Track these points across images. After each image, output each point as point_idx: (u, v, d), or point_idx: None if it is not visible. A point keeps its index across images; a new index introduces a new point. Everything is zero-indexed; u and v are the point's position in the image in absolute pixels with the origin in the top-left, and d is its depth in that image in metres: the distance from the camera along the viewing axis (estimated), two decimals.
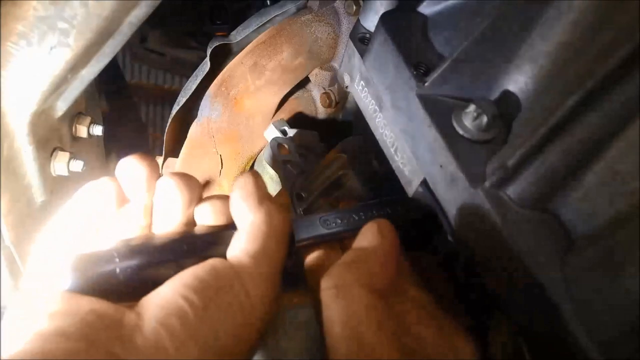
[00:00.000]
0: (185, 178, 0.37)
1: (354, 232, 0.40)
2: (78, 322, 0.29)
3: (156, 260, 0.34)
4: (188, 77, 0.68)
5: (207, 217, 0.38)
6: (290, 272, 0.39)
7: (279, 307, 0.36)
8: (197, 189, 0.38)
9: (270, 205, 0.37)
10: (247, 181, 0.38)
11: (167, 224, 0.37)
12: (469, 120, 0.35)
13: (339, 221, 0.41)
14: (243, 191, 0.37)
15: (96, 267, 0.33)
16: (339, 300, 0.32)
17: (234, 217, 0.37)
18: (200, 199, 0.38)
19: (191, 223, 0.39)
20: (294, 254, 0.40)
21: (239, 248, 0.35)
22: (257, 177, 0.38)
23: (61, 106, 0.56)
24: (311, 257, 0.40)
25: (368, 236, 0.37)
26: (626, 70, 0.28)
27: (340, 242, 0.41)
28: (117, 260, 0.33)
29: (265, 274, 0.35)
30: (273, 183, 0.76)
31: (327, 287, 0.33)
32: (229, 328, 0.32)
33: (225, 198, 0.38)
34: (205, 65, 0.65)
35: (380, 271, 0.35)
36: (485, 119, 0.35)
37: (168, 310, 0.30)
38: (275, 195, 0.62)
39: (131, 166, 0.36)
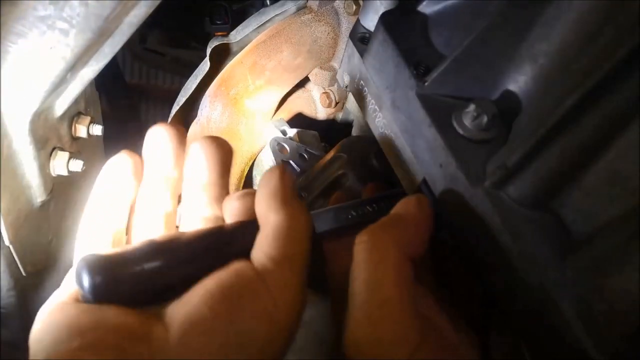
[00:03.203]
0: (218, 142, 0.36)
1: (369, 223, 0.40)
2: (107, 334, 0.29)
3: (181, 260, 0.33)
4: (188, 77, 0.68)
5: (236, 215, 0.37)
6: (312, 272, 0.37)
7: (303, 311, 0.35)
8: (230, 154, 0.37)
9: (295, 206, 0.35)
10: (271, 177, 0.35)
11: (194, 202, 0.37)
12: (469, 120, 0.35)
13: (354, 213, 0.42)
14: (267, 189, 0.35)
15: (119, 268, 0.31)
16: (370, 254, 0.33)
17: (257, 215, 0.35)
18: (228, 169, 0.38)
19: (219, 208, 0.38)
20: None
21: (263, 252, 0.33)
22: (283, 173, 0.36)
23: (60, 106, 0.56)
24: (332, 243, 0.41)
25: (406, 205, 0.37)
26: (626, 69, 0.28)
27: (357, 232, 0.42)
28: (140, 261, 0.32)
29: (292, 281, 0.33)
30: None
31: (361, 241, 0.34)
32: (256, 338, 0.31)
33: (253, 194, 0.37)
34: (205, 65, 0.65)
35: (413, 238, 0.35)
36: (485, 118, 0.35)
37: (194, 322, 0.30)
38: None
39: (158, 137, 0.35)
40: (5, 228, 0.54)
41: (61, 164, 0.58)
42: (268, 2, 0.76)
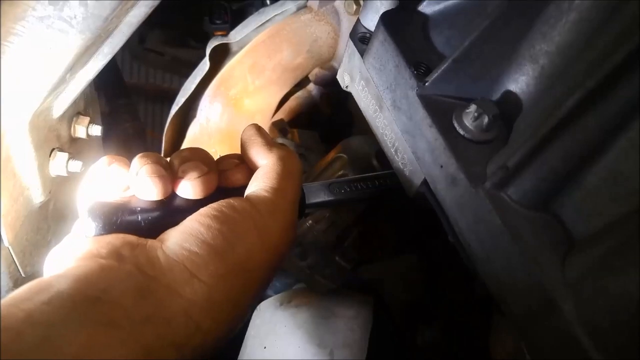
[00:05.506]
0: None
1: (359, 200, 0.44)
2: (108, 244, 0.32)
3: (178, 212, 0.36)
4: (187, 77, 0.68)
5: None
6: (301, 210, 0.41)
7: (295, 235, 0.38)
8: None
9: (281, 149, 0.40)
10: (249, 134, 0.41)
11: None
12: (470, 121, 0.35)
13: (347, 189, 0.44)
14: (251, 142, 0.40)
15: (120, 216, 0.35)
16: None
17: (250, 166, 0.40)
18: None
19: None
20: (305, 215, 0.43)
21: (255, 187, 0.38)
22: (259, 128, 0.42)
23: (60, 106, 0.56)
24: None
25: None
26: (626, 70, 0.28)
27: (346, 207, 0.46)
28: (138, 209, 0.35)
29: (283, 207, 0.37)
30: None
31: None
32: (247, 247, 0.34)
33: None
34: (205, 65, 0.65)
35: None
36: (486, 119, 0.35)
37: (186, 233, 0.33)
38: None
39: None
40: (5, 229, 0.54)
41: (60, 164, 0.58)
42: (268, 2, 0.76)
